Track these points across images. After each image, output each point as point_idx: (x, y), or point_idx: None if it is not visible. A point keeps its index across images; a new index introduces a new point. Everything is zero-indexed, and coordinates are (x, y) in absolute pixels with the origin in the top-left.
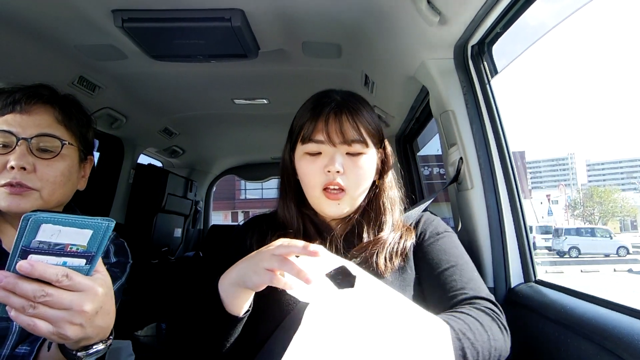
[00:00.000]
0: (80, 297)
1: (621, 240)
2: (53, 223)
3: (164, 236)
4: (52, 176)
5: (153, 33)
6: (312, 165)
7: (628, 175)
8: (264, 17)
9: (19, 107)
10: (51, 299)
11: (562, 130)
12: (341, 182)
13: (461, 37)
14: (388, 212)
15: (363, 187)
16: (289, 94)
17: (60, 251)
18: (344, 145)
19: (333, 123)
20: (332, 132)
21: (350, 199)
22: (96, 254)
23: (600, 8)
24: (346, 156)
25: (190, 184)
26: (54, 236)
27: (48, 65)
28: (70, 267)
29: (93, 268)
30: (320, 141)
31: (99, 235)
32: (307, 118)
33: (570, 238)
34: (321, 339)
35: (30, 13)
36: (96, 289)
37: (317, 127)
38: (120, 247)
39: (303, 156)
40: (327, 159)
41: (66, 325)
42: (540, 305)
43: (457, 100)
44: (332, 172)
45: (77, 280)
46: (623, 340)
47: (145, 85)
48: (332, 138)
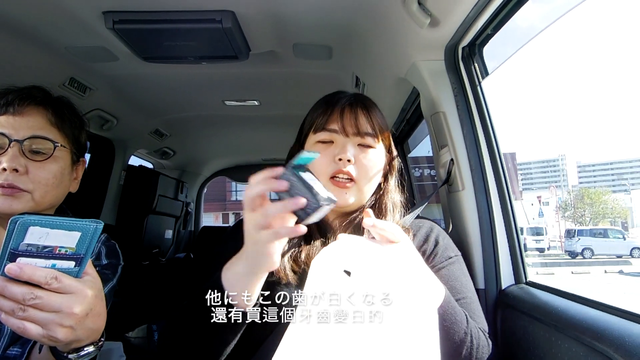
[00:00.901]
0: (69, 299)
1: (635, 241)
2: (41, 225)
3: (155, 238)
4: (44, 178)
5: (144, 35)
6: (323, 153)
7: (618, 176)
8: (255, 19)
9: (12, 108)
10: (41, 301)
11: (553, 132)
12: (351, 172)
13: (452, 39)
14: (389, 214)
15: (371, 180)
16: (279, 95)
17: (49, 254)
18: (357, 136)
19: (348, 114)
20: (347, 122)
21: (357, 190)
22: (85, 256)
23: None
24: (357, 147)
25: (181, 186)
26: (42, 239)
27: (39, 67)
28: (59, 269)
29: (82, 270)
30: (334, 130)
31: (87, 237)
32: (321, 110)
33: (583, 239)
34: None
35: (21, 15)
36: (86, 291)
37: (332, 116)
38: (112, 249)
39: (314, 145)
40: (339, 148)
41: (56, 328)
42: (531, 307)
43: (448, 101)
44: (343, 160)
45: (66, 283)
46: (613, 341)
47: (136, 86)
48: (346, 128)
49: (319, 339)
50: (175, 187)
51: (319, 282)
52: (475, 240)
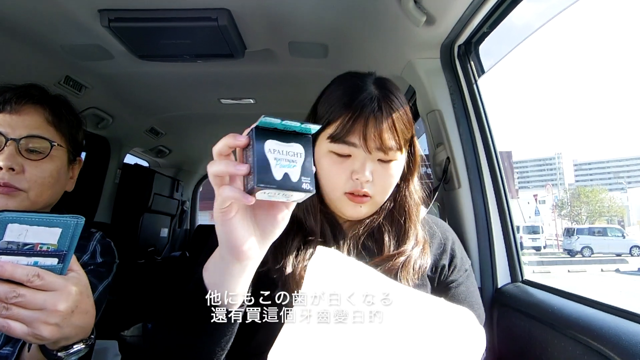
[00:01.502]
0: (53, 296)
1: (635, 239)
2: (20, 223)
3: (150, 236)
4: (41, 177)
5: (139, 33)
6: (337, 167)
7: (615, 175)
8: (250, 17)
9: (9, 107)
10: (23, 299)
11: (549, 130)
12: (368, 191)
13: (448, 37)
14: (413, 216)
15: (389, 193)
16: (275, 93)
17: (30, 251)
18: (380, 152)
19: (372, 127)
20: (370, 137)
21: (373, 204)
22: (68, 252)
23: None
24: (377, 162)
25: (177, 184)
26: (22, 236)
27: (34, 65)
28: (42, 266)
29: (67, 266)
30: (354, 144)
31: (68, 233)
32: (341, 113)
33: (582, 238)
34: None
35: (16, 13)
36: (70, 287)
37: (354, 128)
38: (107, 247)
39: (328, 154)
40: (358, 165)
41: (41, 326)
42: (527, 305)
43: (444, 100)
44: (360, 180)
45: (49, 280)
46: (610, 340)
47: (132, 85)
48: (368, 144)
49: (317, 339)
50: (170, 185)
51: (318, 282)
52: (472, 239)
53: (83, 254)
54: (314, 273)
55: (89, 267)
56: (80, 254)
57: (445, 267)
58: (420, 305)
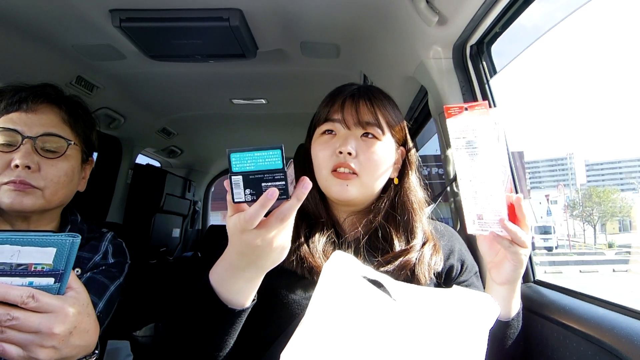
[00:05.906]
0: (49, 318)
1: None
2: (11, 243)
3: (162, 236)
4: (56, 176)
5: (151, 33)
6: (324, 146)
7: (627, 175)
8: (263, 17)
9: (25, 105)
10: (18, 322)
11: (561, 131)
12: (352, 165)
13: (460, 37)
14: (417, 213)
15: (376, 174)
16: (287, 94)
17: (24, 271)
18: (359, 127)
19: (349, 105)
20: (348, 112)
21: (360, 184)
22: (65, 271)
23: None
24: (360, 140)
25: (189, 184)
26: (14, 257)
27: (46, 65)
28: (37, 286)
29: (64, 285)
30: (335, 120)
31: (64, 252)
32: (326, 102)
33: None
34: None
35: (28, 13)
36: (66, 309)
37: (334, 107)
38: (119, 248)
39: (318, 137)
40: (340, 141)
41: (37, 349)
42: (540, 306)
43: (456, 99)
44: (343, 152)
45: (45, 302)
46: (622, 340)
47: (144, 85)
48: (346, 118)
49: (328, 340)
50: (182, 185)
51: (330, 286)
52: None
53: (95, 254)
54: (327, 278)
55: (101, 267)
56: (92, 255)
57: (453, 267)
58: (437, 301)
